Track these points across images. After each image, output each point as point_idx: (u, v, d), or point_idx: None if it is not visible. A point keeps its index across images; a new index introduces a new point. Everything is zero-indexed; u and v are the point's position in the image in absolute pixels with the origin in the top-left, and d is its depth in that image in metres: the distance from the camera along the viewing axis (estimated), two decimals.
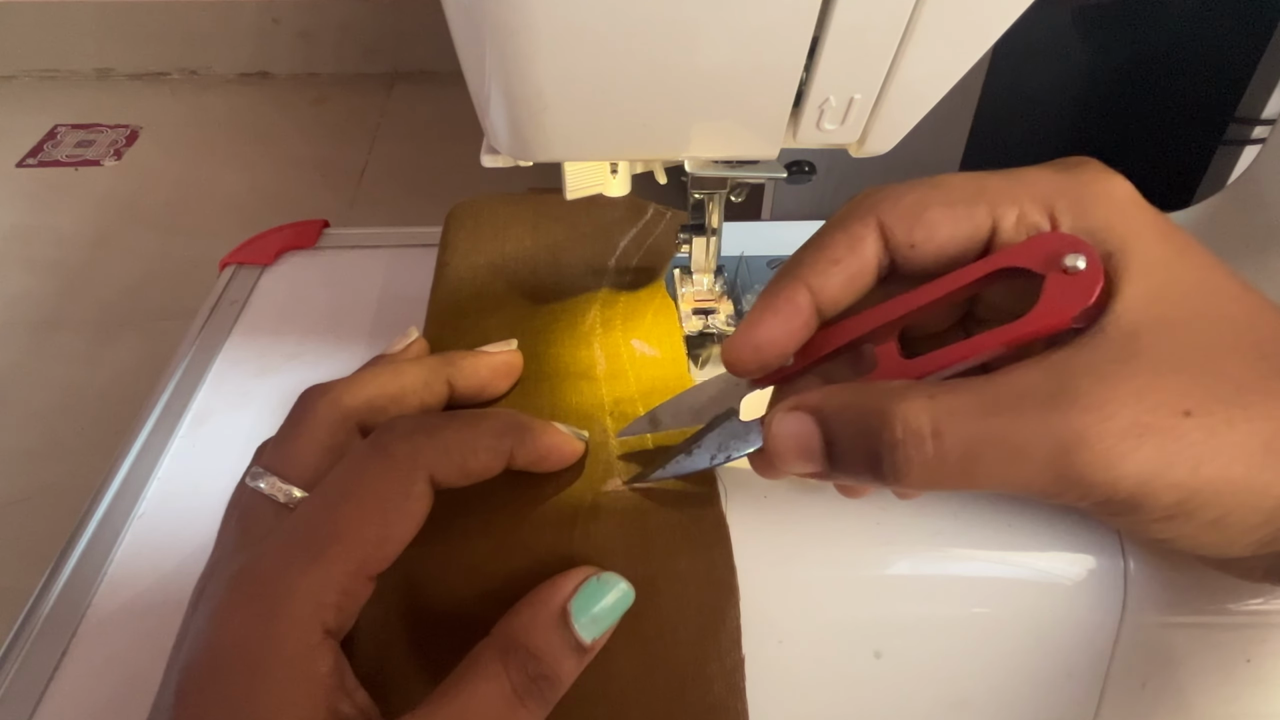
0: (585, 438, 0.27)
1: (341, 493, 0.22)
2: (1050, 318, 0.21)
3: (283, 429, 0.26)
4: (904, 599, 0.27)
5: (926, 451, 0.20)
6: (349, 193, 1.41)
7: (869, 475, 0.21)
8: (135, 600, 0.31)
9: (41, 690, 0.28)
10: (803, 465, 0.22)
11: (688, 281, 0.37)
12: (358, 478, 0.22)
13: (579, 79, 0.23)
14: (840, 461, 0.22)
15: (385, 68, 1.74)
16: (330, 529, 0.21)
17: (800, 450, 0.22)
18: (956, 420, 0.20)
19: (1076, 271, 0.21)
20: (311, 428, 0.25)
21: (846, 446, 0.21)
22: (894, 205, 0.23)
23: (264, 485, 0.24)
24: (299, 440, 0.25)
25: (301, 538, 0.22)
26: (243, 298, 0.44)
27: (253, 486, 0.25)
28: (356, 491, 0.22)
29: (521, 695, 0.21)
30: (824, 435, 0.22)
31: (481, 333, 0.33)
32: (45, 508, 0.90)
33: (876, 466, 0.21)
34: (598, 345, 0.32)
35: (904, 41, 0.23)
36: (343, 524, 0.21)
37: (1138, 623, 0.27)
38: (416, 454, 0.23)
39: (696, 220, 0.35)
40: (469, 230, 0.38)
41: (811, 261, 0.23)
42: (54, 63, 1.68)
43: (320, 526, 0.22)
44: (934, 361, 0.23)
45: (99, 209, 1.34)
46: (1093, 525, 0.27)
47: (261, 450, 0.26)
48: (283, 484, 0.24)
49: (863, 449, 0.21)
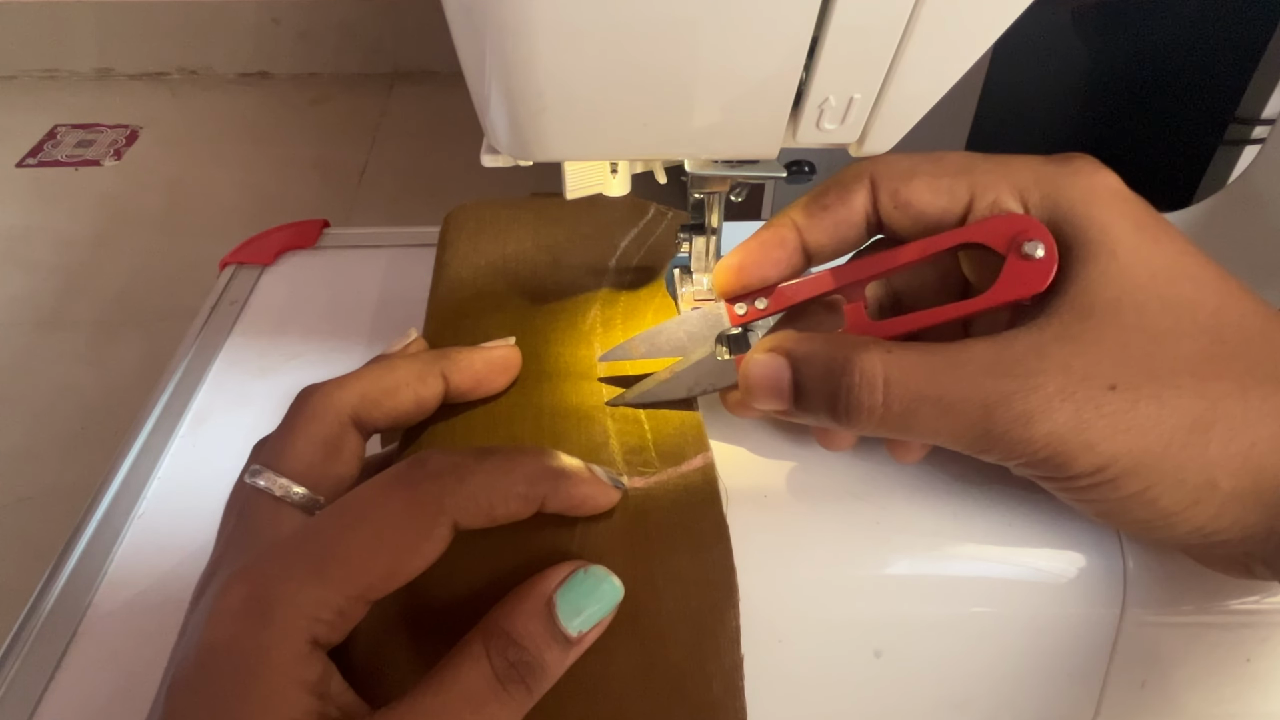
0: (623, 486, 0.26)
1: (358, 517, 0.22)
2: (1000, 297, 0.24)
3: (279, 427, 0.26)
4: (904, 599, 0.27)
5: (875, 398, 0.23)
6: (349, 193, 1.41)
7: (827, 414, 0.24)
8: (135, 600, 0.31)
9: (41, 690, 0.28)
10: (772, 402, 0.25)
11: (688, 281, 0.37)
12: (378, 507, 0.22)
13: (579, 79, 0.23)
14: (804, 400, 0.24)
15: (385, 68, 1.74)
16: (340, 551, 0.21)
17: (771, 388, 0.25)
18: (905, 374, 0.23)
19: (1033, 258, 0.23)
20: (306, 423, 0.25)
21: (811, 387, 0.24)
22: (887, 167, 0.25)
23: (261, 481, 0.24)
24: (294, 435, 0.25)
25: (308, 551, 0.21)
26: (243, 298, 0.44)
27: (250, 483, 0.25)
28: (374, 521, 0.22)
29: (503, 680, 0.21)
30: (793, 376, 0.24)
31: (482, 333, 0.33)
32: (45, 508, 0.90)
33: (834, 406, 0.24)
34: (598, 345, 0.32)
35: (904, 41, 0.23)
36: (353, 549, 0.21)
37: (1137, 622, 0.27)
38: (443, 496, 0.22)
39: (696, 220, 0.35)
40: (468, 233, 0.39)
41: (804, 205, 0.26)
42: (54, 63, 1.67)
43: (329, 545, 0.21)
44: (895, 325, 0.25)
45: (99, 209, 1.34)
46: (1092, 525, 0.27)
47: (259, 448, 0.26)
48: (279, 478, 0.24)
49: (825, 390, 0.24)
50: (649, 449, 0.28)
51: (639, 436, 0.28)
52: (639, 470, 0.27)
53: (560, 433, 0.28)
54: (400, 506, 0.22)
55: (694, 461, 0.27)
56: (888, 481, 0.28)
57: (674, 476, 0.27)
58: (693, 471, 0.27)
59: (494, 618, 0.22)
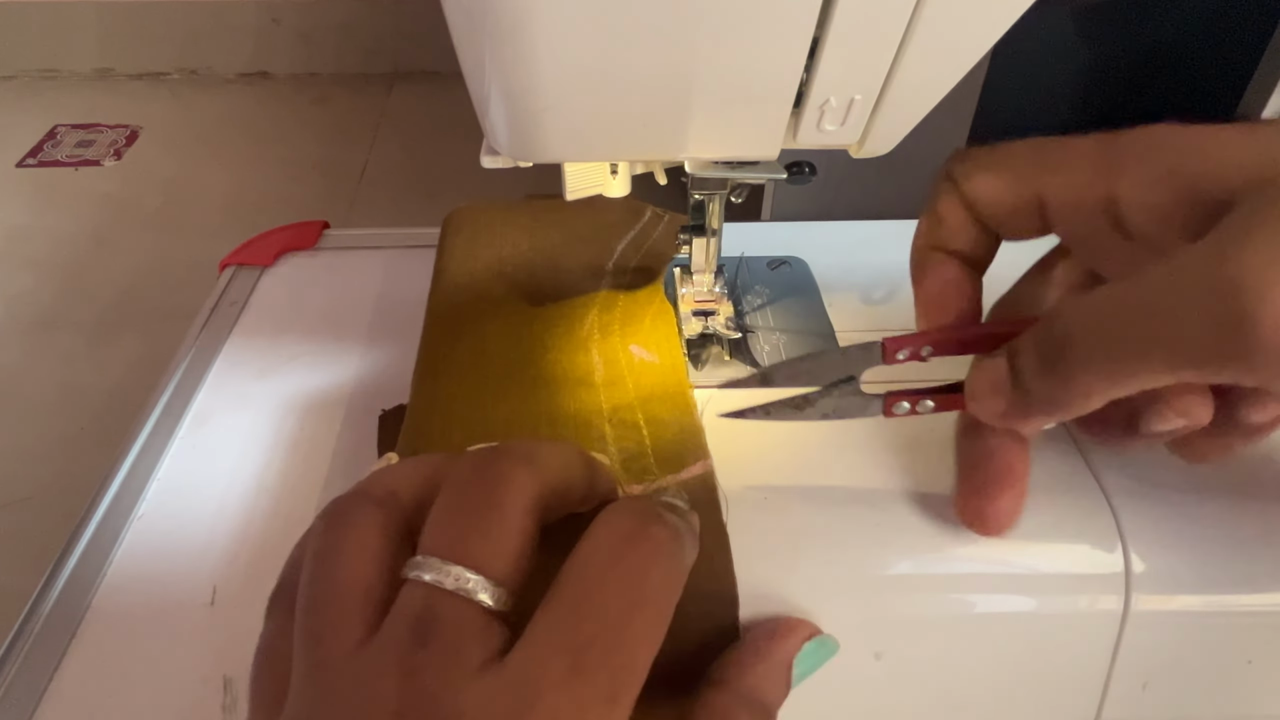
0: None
1: (628, 608, 0.17)
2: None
3: (469, 506, 0.19)
4: (904, 599, 0.27)
5: (1087, 324, 0.20)
6: (349, 193, 1.41)
7: (1039, 371, 0.21)
8: (135, 600, 0.31)
9: (41, 690, 0.28)
10: (995, 400, 0.23)
11: (688, 282, 0.37)
12: (639, 585, 0.18)
13: (579, 79, 0.23)
14: (1021, 375, 0.22)
15: (385, 68, 1.74)
16: (626, 659, 0.17)
17: (992, 385, 0.23)
18: (1110, 295, 0.20)
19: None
20: (515, 509, 0.19)
21: (1025, 361, 0.22)
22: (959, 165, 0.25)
23: (458, 584, 0.17)
24: (504, 524, 0.18)
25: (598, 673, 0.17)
26: (242, 299, 0.44)
27: (441, 586, 0.17)
28: (646, 605, 0.18)
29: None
30: (1009, 365, 0.22)
31: (480, 338, 0.33)
32: (45, 508, 0.89)
33: (1048, 360, 0.21)
34: (596, 351, 0.32)
35: (905, 42, 0.23)
36: (638, 648, 0.17)
37: (1139, 623, 0.27)
38: (690, 543, 0.20)
39: (696, 221, 0.35)
40: (466, 236, 0.38)
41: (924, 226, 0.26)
42: (54, 63, 1.67)
43: (612, 655, 0.17)
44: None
45: (99, 209, 1.34)
46: (1093, 525, 0.27)
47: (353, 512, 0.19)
48: (488, 582, 0.18)
49: (1035, 353, 0.21)
50: (647, 455, 0.28)
51: (637, 443, 0.28)
52: (638, 478, 0.27)
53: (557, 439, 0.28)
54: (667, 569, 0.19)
55: (693, 469, 0.27)
56: (888, 483, 0.28)
57: (673, 484, 0.27)
58: (692, 479, 0.27)
59: (750, 686, 0.22)
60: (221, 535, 0.32)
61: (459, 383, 0.31)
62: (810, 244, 0.42)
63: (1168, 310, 0.18)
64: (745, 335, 0.36)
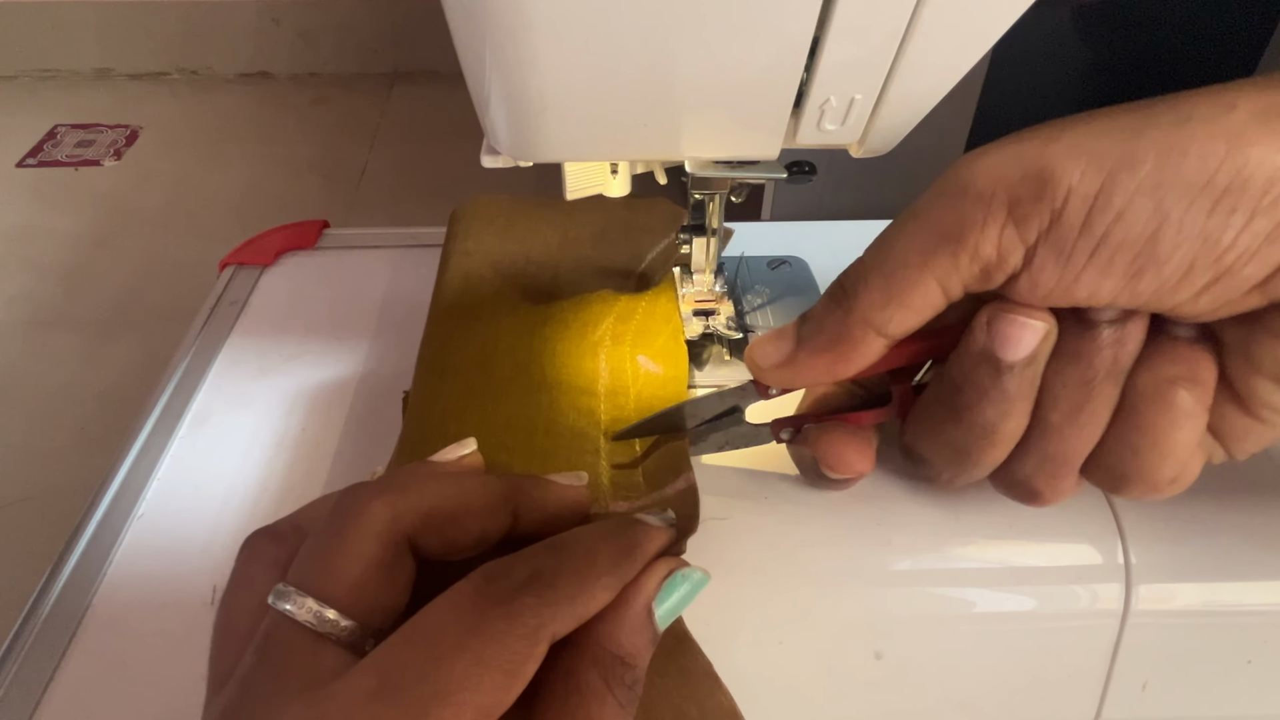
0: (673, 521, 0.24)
1: (452, 646, 0.18)
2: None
3: (319, 536, 0.21)
4: (904, 599, 0.27)
5: (864, 258, 0.23)
6: (349, 193, 1.41)
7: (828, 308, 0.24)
8: (135, 600, 0.31)
9: (41, 690, 0.28)
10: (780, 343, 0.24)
11: (688, 282, 0.37)
12: (472, 631, 0.18)
13: (579, 79, 0.23)
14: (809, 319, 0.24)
15: (385, 68, 1.74)
16: (439, 687, 0.17)
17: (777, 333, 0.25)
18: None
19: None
20: (360, 539, 0.20)
21: (814, 309, 0.24)
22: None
23: (293, 607, 0.19)
24: (344, 553, 0.20)
25: (402, 696, 0.17)
26: (243, 298, 0.44)
27: (278, 609, 0.19)
28: (472, 647, 0.18)
29: (625, 705, 0.20)
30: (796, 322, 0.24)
31: (489, 338, 0.32)
32: (45, 508, 0.89)
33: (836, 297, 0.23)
34: (604, 357, 0.32)
35: (905, 42, 0.23)
36: (455, 683, 0.17)
37: (1139, 624, 0.27)
38: (541, 610, 0.19)
39: (696, 220, 0.35)
40: (476, 231, 0.38)
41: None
42: (54, 63, 1.67)
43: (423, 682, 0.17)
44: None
45: (99, 209, 1.34)
46: (1093, 526, 0.27)
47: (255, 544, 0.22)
48: (323, 608, 0.19)
49: (825, 300, 0.24)
50: (636, 472, 0.28)
51: (629, 459, 0.28)
52: (624, 494, 0.27)
53: (549, 452, 0.28)
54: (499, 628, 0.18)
55: (676, 485, 0.27)
56: (889, 482, 0.28)
57: (657, 500, 0.26)
58: (674, 495, 0.26)
59: (600, 641, 0.20)
60: (221, 535, 0.32)
61: (465, 380, 0.31)
62: (810, 244, 0.42)
63: (922, 211, 0.22)
64: (746, 335, 0.36)
